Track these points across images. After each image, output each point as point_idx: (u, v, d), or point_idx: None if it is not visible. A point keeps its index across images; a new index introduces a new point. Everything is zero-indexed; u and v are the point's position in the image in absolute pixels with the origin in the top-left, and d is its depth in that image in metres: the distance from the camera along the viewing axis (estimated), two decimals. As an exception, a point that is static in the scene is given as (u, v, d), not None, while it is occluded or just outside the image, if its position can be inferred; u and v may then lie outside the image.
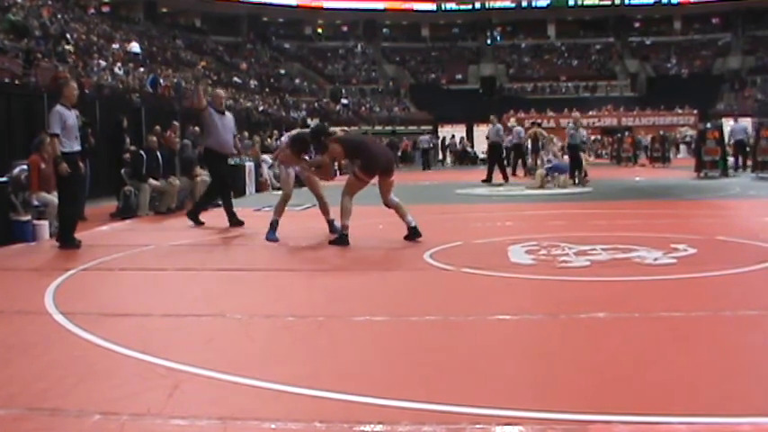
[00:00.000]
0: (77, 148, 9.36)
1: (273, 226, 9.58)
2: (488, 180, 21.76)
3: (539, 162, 21.85)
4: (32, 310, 5.61)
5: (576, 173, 19.47)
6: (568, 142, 20.31)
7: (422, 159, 38.30)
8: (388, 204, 9.00)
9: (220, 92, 12.33)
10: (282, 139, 10.21)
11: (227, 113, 11.95)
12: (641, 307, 5.27)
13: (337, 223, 9.57)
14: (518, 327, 4.92)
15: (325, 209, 9.88)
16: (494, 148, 23.10)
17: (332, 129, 9.57)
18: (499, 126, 23.45)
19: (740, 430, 3.06)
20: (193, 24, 59.89)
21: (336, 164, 11.19)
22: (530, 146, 26.65)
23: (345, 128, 9.92)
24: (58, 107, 9.20)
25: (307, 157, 9.43)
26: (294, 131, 10.40)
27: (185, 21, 59.58)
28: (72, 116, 9.28)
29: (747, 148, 25.10)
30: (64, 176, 9.11)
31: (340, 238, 8.75)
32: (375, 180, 8.91)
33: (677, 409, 3.24)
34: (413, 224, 8.85)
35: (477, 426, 3.12)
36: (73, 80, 10.90)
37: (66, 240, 9.19)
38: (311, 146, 9.31)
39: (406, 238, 8.81)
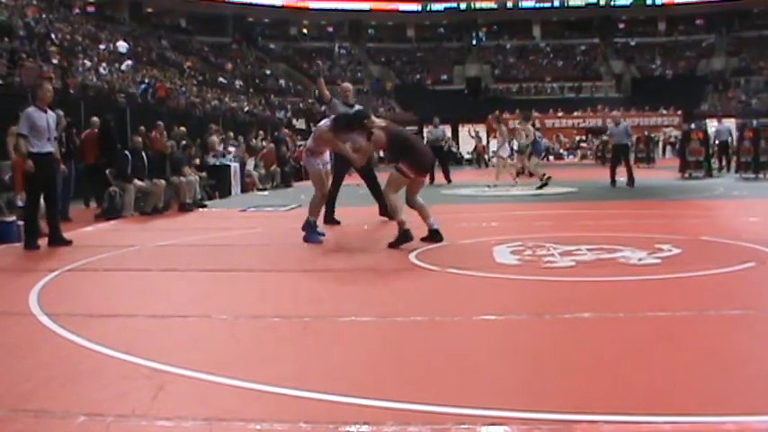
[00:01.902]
0: (48, 149, 9.33)
1: (312, 226, 9.35)
2: (432, 181, 22.31)
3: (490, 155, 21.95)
4: (17, 312, 5.58)
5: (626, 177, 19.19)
6: (613, 143, 20.09)
7: None
8: (412, 205, 8.74)
9: (348, 85, 11.92)
10: (322, 124, 9.63)
11: (357, 107, 11.28)
12: (626, 307, 5.29)
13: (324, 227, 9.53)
14: (503, 327, 4.93)
15: (318, 206, 9.70)
16: (434, 149, 23.76)
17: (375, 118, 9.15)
18: (441, 128, 23.98)
19: (724, 429, 3.08)
20: (179, 24, 59.65)
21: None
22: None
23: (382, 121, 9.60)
24: (30, 108, 9.25)
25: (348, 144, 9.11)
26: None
27: (170, 21, 59.34)
28: (44, 118, 9.27)
29: (731, 150, 25.26)
30: (31, 176, 9.12)
31: (402, 235, 8.36)
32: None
33: (662, 408, 3.25)
34: (434, 227, 8.64)
35: (463, 426, 3.13)
36: (48, 82, 10.87)
37: (30, 242, 9.21)
38: (354, 128, 8.91)
39: (424, 239, 8.60)
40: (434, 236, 8.60)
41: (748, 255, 7.23)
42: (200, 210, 14.51)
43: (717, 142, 25.66)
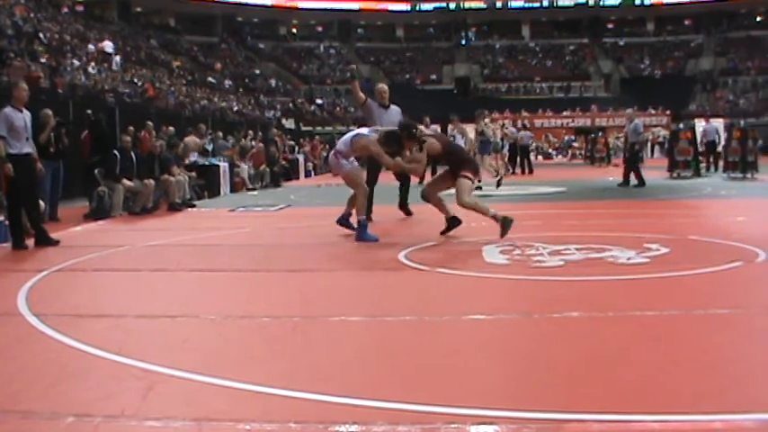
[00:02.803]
0: (27, 149, 9.28)
1: (364, 225, 9.20)
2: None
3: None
4: (5, 312, 5.56)
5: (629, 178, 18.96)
6: (630, 141, 19.88)
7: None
8: (430, 199, 9.25)
9: (383, 86, 11.95)
10: (364, 132, 9.44)
11: (393, 107, 11.40)
12: (615, 306, 5.31)
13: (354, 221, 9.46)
14: (492, 326, 4.94)
15: (364, 204, 9.45)
16: None
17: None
18: (433, 127, 24.06)
19: (712, 428, 3.09)
20: (168, 24, 59.50)
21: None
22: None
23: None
24: (7, 109, 9.13)
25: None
26: (379, 130, 9.51)
27: (159, 20, 59.19)
28: (21, 118, 9.19)
29: (719, 149, 25.35)
30: (12, 179, 9.06)
31: (504, 223, 8.61)
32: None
33: (651, 407, 3.26)
34: (451, 214, 9.16)
35: (452, 425, 3.14)
36: (23, 81, 10.72)
37: (17, 242, 9.17)
38: (404, 141, 8.89)
39: (443, 232, 9.09)
40: (452, 222, 9.13)
41: (736, 254, 7.25)
42: (190, 210, 14.47)
43: (704, 142, 25.76)
